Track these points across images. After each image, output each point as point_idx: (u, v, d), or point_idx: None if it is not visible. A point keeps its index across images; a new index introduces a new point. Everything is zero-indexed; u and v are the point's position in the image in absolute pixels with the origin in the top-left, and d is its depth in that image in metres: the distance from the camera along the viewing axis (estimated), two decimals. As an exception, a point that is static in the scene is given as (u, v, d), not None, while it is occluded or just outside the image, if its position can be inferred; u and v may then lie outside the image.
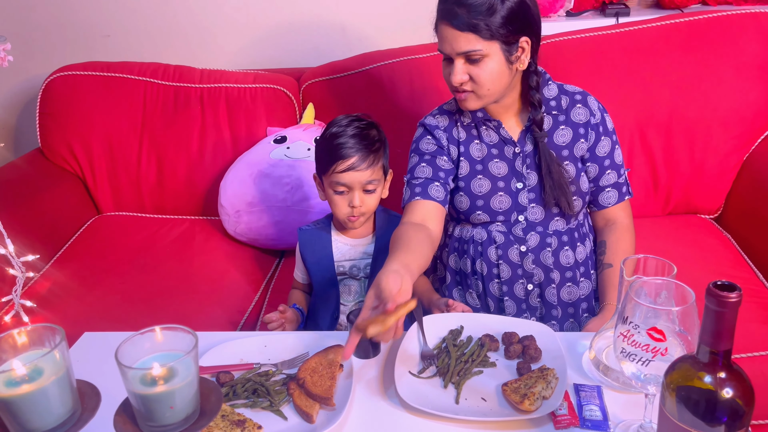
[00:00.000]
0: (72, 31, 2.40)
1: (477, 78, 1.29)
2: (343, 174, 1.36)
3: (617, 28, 2.00)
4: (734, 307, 0.68)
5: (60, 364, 0.65)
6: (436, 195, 1.39)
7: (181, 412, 0.69)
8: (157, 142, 2.11)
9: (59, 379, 0.65)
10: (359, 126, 1.40)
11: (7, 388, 0.63)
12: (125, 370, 0.66)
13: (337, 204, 1.41)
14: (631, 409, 1.01)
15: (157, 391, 0.67)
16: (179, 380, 0.68)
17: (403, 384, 1.06)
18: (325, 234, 1.49)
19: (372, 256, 1.46)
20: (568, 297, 1.44)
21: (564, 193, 1.37)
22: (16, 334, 0.67)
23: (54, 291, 1.75)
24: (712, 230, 1.89)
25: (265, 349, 1.19)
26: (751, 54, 1.88)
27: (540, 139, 1.38)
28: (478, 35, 1.26)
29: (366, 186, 1.39)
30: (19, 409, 0.63)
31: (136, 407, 0.68)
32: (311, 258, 1.49)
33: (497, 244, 1.42)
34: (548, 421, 0.99)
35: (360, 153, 1.37)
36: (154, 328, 0.71)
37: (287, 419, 1.03)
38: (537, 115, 1.37)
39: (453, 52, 1.29)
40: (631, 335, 0.85)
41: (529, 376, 1.05)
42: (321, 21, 2.32)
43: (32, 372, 0.63)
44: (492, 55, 1.28)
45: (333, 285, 1.47)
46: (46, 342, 0.68)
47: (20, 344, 0.67)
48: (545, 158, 1.38)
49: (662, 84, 1.92)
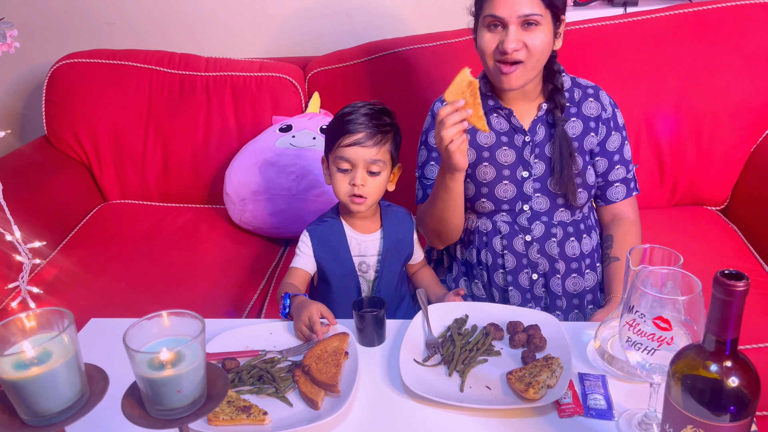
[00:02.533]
0: (77, 19, 2.40)
1: (531, 46, 1.27)
2: (348, 148, 1.29)
3: (625, 18, 1.99)
4: (741, 296, 0.67)
5: (68, 347, 0.66)
6: None
7: (188, 396, 0.69)
8: (162, 130, 2.11)
9: (68, 362, 0.65)
10: (372, 107, 1.35)
11: (17, 370, 0.63)
12: (133, 354, 0.66)
13: (339, 182, 1.33)
14: (636, 398, 1.01)
15: (164, 375, 0.67)
16: (186, 365, 0.68)
17: (407, 372, 1.06)
18: (338, 226, 1.40)
19: (381, 253, 1.43)
20: (573, 288, 1.44)
21: (571, 178, 1.37)
22: (24, 317, 0.67)
23: (60, 278, 1.76)
24: (718, 222, 1.88)
25: (270, 336, 1.20)
26: (759, 45, 1.86)
27: (559, 123, 1.37)
28: (541, 0, 1.26)
29: (370, 166, 1.31)
30: (28, 391, 0.63)
31: (144, 391, 0.69)
32: (328, 255, 1.39)
33: (502, 234, 1.42)
34: (552, 410, 1.00)
35: (368, 130, 1.30)
36: (161, 313, 0.71)
37: (292, 405, 1.03)
38: (561, 99, 1.37)
39: (513, 15, 1.26)
40: (637, 324, 0.85)
41: (533, 364, 1.05)
42: (327, 10, 2.31)
43: (41, 355, 0.64)
44: (545, 25, 1.28)
45: (354, 279, 1.42)
46: (54, 326, 0.68)
47: (29, 328, 0.67)
48: (562, 141, 1.36)
49: (669, 74, 1.91)
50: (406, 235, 1.43)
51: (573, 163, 1.37)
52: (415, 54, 2.03)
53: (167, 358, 0.67)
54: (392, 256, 1.41)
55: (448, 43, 2.04)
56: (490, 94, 1.40)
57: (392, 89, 2.04)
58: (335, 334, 1.15)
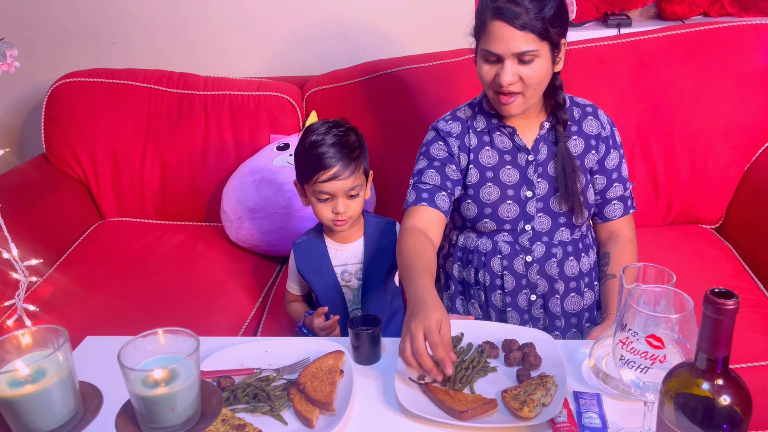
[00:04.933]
0: (77, 38, 2.42)
1: (527, 79, 1.28)
2: (326, 183, 1.36)
3: (619, 39, 2.02)
4: (732, 315, 0.68)
5: (63, 366, 0.66)
6: (442, 205, 1.38)
7: (182, 415, 0.70)
8: (161, 149, 2.12)
9: (62, 380, 0.65)
10: (338, 133, 1.39)
11: (11, 388, 0.63)
12: (127, 372, 0.67)
13: (322, 210, 1.41)
14: (630, 416, 1.01)
15: (158, 393, 0.67)
16: (180, 382, 0.69)
17: (402, 390, 1.06)
18: (319, 242, 1.50)
19: (363, 261, 1.46)
20: (572, 307, 1.44)
21: (577, 192, 1.38)
22: (20, 335, 0.68)
23: (56, 295, 1.76)
24: (713, 240, 1.89)
25: (265, 354, 1.20)
26: (751, 65, 1.89)
27: (562, 139, 1.38)
28: (535, 35, 1.24)
29: (349, 192, 1.39)
30: (22, 409, 0.64)
31: (138, 409, 0.69)
32: (310, 268, 1.49)
33: (502, 255, 1.42)
34: (547, 428, 1.00)
35: (341, 162, 1.36)
36: (156, 331, 0.71)
37: (287, 424, 1.03)
38: (564, 114, 1.38)
39: (507, 52, 1.26)
40: (630, 342, 0.86)
41: (528, 383, 1.06)
42: (325, 30, 2.34)
43: (35, 373, 0.64)
44: (542, 56, 1.27)
45: (337, 291, 1.48)
46: (49, 344, 0.68)
47: (24, 345, 0.67)
48: (565, 156, 1.37)
49: (664, 94, 1.93)
50: (388, 244, 1.47)
51: (576, 177, 1.38)
52: (412, 74, 2.05)
53: (161, 377, 0.68)
54: (375, 264, 1.45)
55: (444, 63, 2.06)
56: (493, 112, 1.41)
57: (389, 108, 2.06)
58: (330, 352, 1.16)
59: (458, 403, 1.02)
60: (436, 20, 2.30)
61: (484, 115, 1.43)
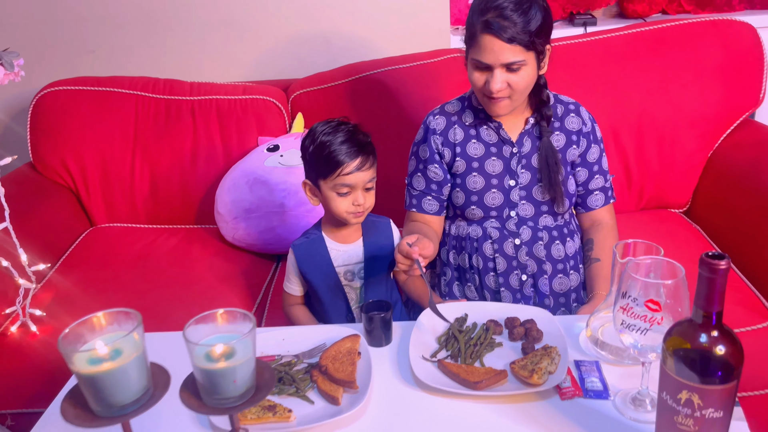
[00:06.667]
0: (58, 48, 2.43)
1: (515, 85, 1.38)
2: (350, 176, 1.39)
3: (586, 37, 2.14)
4: (724, 274, 0.78)
5: (138, 345, 0.72)
6: (429, 208, 1.57)
7: (241, 386, 0.76)
8: (150, 154, 2.15)
9: (137, 357, 0.71)
10: (347, 130, 1.43)
11: (90, 365, 0.69)
12: (192, 347, 0.73)
13: (340, 203, 1.42)
14: (627, 379, 1.11)
15: (221, 367, 0.74)
16: (240, 357, 0.75)
17: (420, 367, 1.14)
18: (319, 241, 1.51)
19: (364, 260, 1.52)
20: (559, 287, 1.54)
21: (559, 183, 1.48)
22: (96, 317, 0.73)
23: (57, 301, 1.77)
24: (682, 223, 2.03)
25: (283, 342, 1.26)
26: (710, 58, 2.03)
27: (545, 134, 1.48)
28: (522, 47, 1.34)
29: (367, 185, 1.43)
30: (103, 384, 0.69)
31: (202, 382, 0.75)
32: (312, 269, 1.50)
33: (492, 240, 1.52)
34: (554, 394, 1.09)
35: (361, 155, 1.41)
36: (215, 312, 0.78)
37: (314, 403, 1.10)
38: (548, 111, 1.48)
39: (497, 62, 1.35)
40: (630, 308, 0.96)
41: (534, 354, 1.15)
42: (305, 34, 2.40)
43: (113, 351, 0.70)
44: (529, 64, 1.37)
45: (339, 290, 1.51)
46: (123, 325, 0.74)
47: (101, 327, 0.73)
48: (548, 151, 1.48)
49: (631, 88, 2.05)
50: (386, 243, 1.52)
51: (559, 170, 1.48)
52: (394, 74, 2.14)
53: (222, 351, 0.74)
54: (376, 262, 1.50)
55: (424, 64, 2.15)
56: (480, 107, 1.51)
57: (373, 109, 2.14)
58: (347, 336, 1.23)
59: (472, 375, 1.11)
60: (412, 24, 2.39)
61: (472, 110, 1.53)
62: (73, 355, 0.69)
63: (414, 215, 1.60)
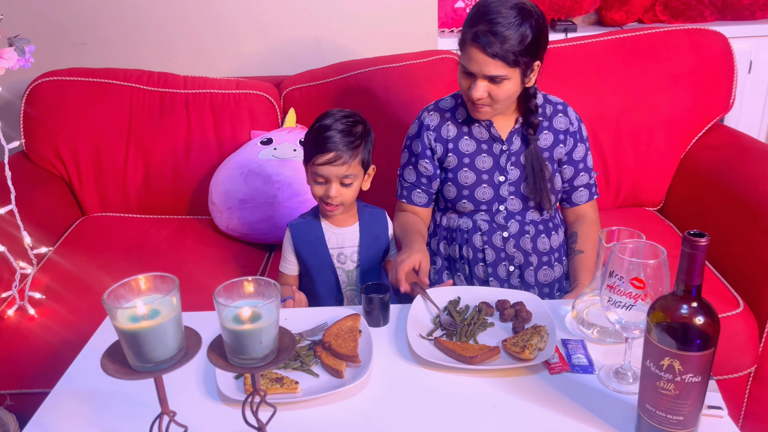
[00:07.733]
0: (49, 39, 2.45)
1: (496, 96, 1.45)
2: (322, 167, 1.45)
3: (567, 42, 2.24)
4: (704, 250, 0.87)
5: (175, 306, 0.78)
6: (418, 201, 1.65)
7: (266, 348, 0.82)
8: (143, 146, 2.19)
9: (174, 317, 0.77)
10: (346, 122, 1.48)
11: (131, 322, 0.75)
12: (222, 308, 0.79)
13: (316, 190, 1.50)
14: (611, 356, 1.20)
15: (247, 328, 0.80)
16: (265, 320, 0.81)
17: (418, 344, 1.21)
18: (315, 223, 1.57)
19: (358, 245, 1.58)
20: (544, 278, 1.63)
21: (545, 188, 1.56)
22: (136, 280, 0.79)
23: (53, 286, 1.80)
24: (656, 220, 2.14)
25: (285, 322, 1.32)
26: (684, 65, 2.15)
27: (532, 141, 1.56)
28: (506, 63, 1.40)
29: (343, 180, 1.47)
30: (143, 340, 0.75)
31: (229, 343, 0.81)
32: (306, 248, 1.57)
33: (482, 232, 1.60)
34: (543, 369, 1.17)
35: (340, 149, 1.44)
36: (242, 279, 0.84)
37: (318, 376, 1.16)
38: (535, 119, 1.56)
39: (480, 73, 1.42)
40: (617, 286, 1.04)
41: (524, 332, 1.23)
42: (297, 32, 2.46)
43: (151, 312, 0.76)
44: (512, 79, 1.43)
45: (331, 271, 1.59)
46: (161, 289, 0.80)
47: (141, 289, 0.79)
48: (534, 157, 1.56)
49: (610, 91, 2.16)
50: (382, 232, 1.60)
51: (543, 178, 1.56)
52: (384, 73, 2.21)
53: (248, 315, 0.81)
54: (371, 248, 1.57)
55: (411, 64, 2.22)
56: None
57: (363, 106, 2.20)
58: (348, 315, 1.29)
59: (467, 351, 1.18)
60: (401, 26, 2.47)
61: (465, 108, 1.61)
62: (117, 312, 0.75)
63: (404, 206, 1.68)
